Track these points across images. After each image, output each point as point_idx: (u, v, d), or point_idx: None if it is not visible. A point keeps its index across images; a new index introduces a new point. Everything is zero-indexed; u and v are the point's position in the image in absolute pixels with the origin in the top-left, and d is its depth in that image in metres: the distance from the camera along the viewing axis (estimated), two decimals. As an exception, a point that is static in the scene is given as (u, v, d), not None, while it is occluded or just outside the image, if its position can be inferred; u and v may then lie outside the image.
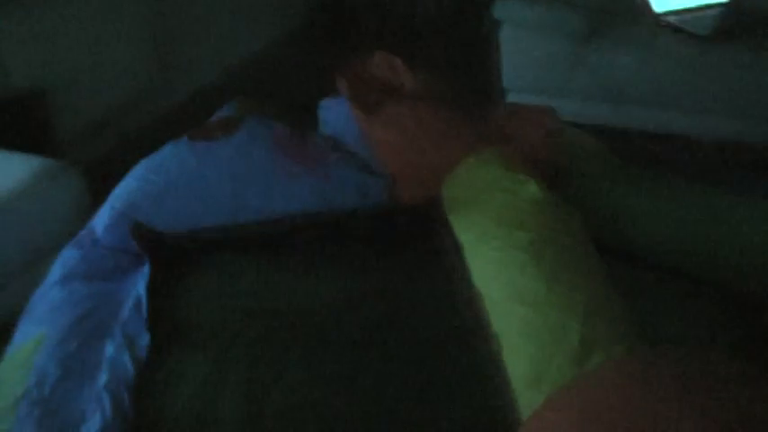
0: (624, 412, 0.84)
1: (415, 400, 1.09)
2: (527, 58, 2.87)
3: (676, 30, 2.69)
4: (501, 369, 0.99)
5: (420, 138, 1.35)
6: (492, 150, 1.34)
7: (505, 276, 1.07)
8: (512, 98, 2.79)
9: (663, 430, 0.80)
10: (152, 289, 1.21)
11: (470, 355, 1.09)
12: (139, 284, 1.22)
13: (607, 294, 1.04)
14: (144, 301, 1.18)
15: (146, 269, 1.23)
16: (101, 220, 1.29)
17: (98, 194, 1.32)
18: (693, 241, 1.41)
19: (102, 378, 1.06)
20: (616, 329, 0.98)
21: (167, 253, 1.28)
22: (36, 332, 1.17)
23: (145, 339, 1.11)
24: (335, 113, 1.47)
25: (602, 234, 1.42)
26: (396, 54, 1.49)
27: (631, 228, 1.45)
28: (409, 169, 1.37)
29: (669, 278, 1.39)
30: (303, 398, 1.08)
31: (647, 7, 2.77)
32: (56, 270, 1.25)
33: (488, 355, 1.00)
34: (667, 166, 1.52)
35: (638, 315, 1.00)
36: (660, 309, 1.27)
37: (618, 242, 1.44)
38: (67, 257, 1.27)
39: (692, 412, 0.82)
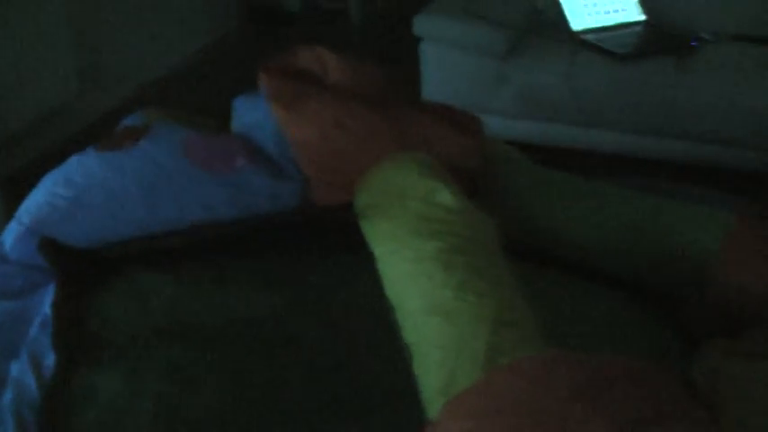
0: (518, 416, 0.85)
1: (329, 413, 1.08)
2: (449, 75, 2.87)
3: (595, 48, 2.71)
4: (413, 379, 0.99)
5: (338, 139, 1.33)
6: (408, 155, 1.33)
7: (416, 287, 1.07)
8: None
9: None
10: (63, 306, 1.18)
11: (385, 367, 1.10)
12: (46, 302, 1.18)
13: (516, 301, 1.05)
14: (50, 319, 1.14)
15: (52, 286, 1.19)
16: (8, 235, 1.24)
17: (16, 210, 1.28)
18: (611, 240, 1.43)
19: (6, 398, 1.03)
20: (523, 336, 0.99)
21: (78, 268, 1.24)
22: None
23: (50, 359, 1.08)
24: (252, 111, 1.43)
25: (522, 237, 1.43)
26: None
27: (552, 229, 1.45)
28: (326, 171, 1.34)
29: (586, 278, 1.41)
30: (215, 414, 1.06)
31: (566, 26, 2.79)
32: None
33: (401, 367, 1.00)
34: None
35: (551, 318, 1.02)
36: (573, 310, 1.29)
37: (538, 244, 1.45)
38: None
39: (585, 416, 0.83)
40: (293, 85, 1.40)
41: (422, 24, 2.83)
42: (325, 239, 1.36)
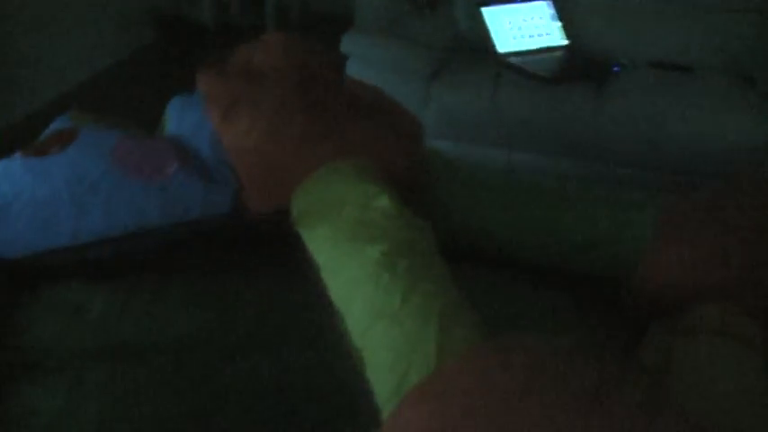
0: (476, 397, 0.86)
1: (274, 429, 1.07)
2: (375, 95, 2.84)
3: (520, 71, 2.73)
4: (365, 386, 0.98)
5: (274, 147, 1.30)
6: (346, 161, 1.31)
7: (362, 292, 1.06)
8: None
9: (507, 423, 0.82)
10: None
11: (333, 378, 1.09)
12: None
13: (460, 301, 1.06)
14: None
15: None
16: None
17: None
18: (544, 234, 1.45)
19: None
20: (470, 334, 1.00)
21: (8, 281, 1.21)
22: None
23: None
24: (188, 113, 1.40)
25: (458, 237, 1.44)
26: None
27: (484, 227, 1.46)
28: (262, 178, 1.32)
29: (523, 275, 1.42)
30: (156, 430, 1.04)
31: (491, 48, 2.80)
32: None
33: (352, 375, 1.00)
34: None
35: (493, 317, 1.03)
36: (514, 308, 1.30)
37: (474, 244, 1.46)
38: None
39: (542, 390, 0.86)
40: (231, 88, 1.37)
41: (348, 43, 2.81)
42: (261, 250, 1.34)
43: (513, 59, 2.79)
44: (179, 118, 1.41)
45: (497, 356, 0.94)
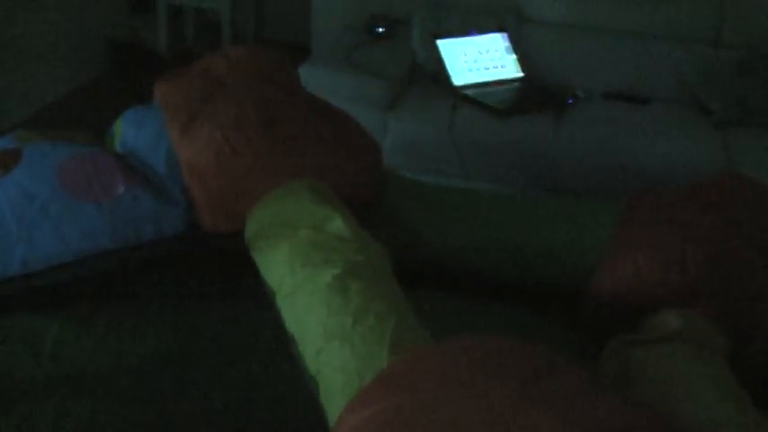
0: (423, 391, 0.87)
1: None
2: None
3: (475, 103, 2.75)
4: (319, 410, 0.98)
5: (230, 165, 1.29)
6: (300, 182, 1.30)
7: (315, 316, 1.06)
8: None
9: (450, 413, 0.83)
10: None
11: (283, 410, 1.09)
12: None
13: (412, 321, 1.07)
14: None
15: None
16: None
17: None
18: (503, 245, 1.45)
19: None
20: None
21: None
22: None
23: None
24: (143, 126, 1.37)
25: (419, 255, 1.43)
26: None
27: (442, 245, 1.46)
28: (217, 196, 1.31)
29: (483, 290, 1.41)
30: None
31: (447, 80, 2.82)
32: None
33: (300, 409, 1.02)
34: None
35: (452, 334, 1.02)
36: (474, 324, 1.31)
37: (431, 263, 1.45)
38: None
39: (487, 377, 0.87)
40: (190, 100, 1.36)
41: (305, 74, 2.80)
42: (217, 275, 1.32)
43: (468, 92, 2.81)
44: (135, 132, 1.38)
45: (439, 353, 0.96)
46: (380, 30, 3.08)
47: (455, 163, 2.72)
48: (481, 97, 2.77)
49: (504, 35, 2.98)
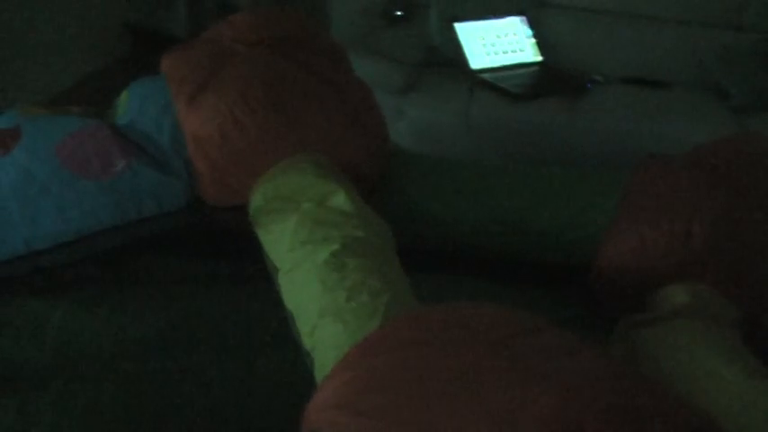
0: (402, 350, 0.88)
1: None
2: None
3: (492, 87, 2.73)
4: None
5: (236, 138, 1.29)
6: (305, 156, 1.30)
7: (311, 292, 1.07)
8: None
9: (425, 377, 0.83)
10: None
11: (287, 389, 1.08)
12: None
13: (407, 298, 1.07)
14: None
15: None
16: None
17: None
18: (508, 216, 1.43)
19: None
20: None
21: None
22: None
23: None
24: (151, 99, 1.36)
25: (424, 230, 1.42)
26: None
27: (447, 218, 1.45)
28: (221, 169, 1.30)
29: (489, 268, 1.39)
30: None
31: (465, 64, 2.80)
32: None
33: (305, 387, 0.98)
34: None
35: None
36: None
37: (440, 237, 1.44)
38: None
39: (462, 339, 0.88)
40: (197, 71, 1.35)
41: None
42: (220, 255, 1.32)
43: (486, 75, 2.79)
44: (140, 103, 1.38)
45: (416, 318, 0.96)
46: (398, 13, 3.06)
47: (471, 147, 2.71)
48: (498, 81, 2.75)
49: (523, 18, 2.95)
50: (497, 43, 2.89)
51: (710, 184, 1.36)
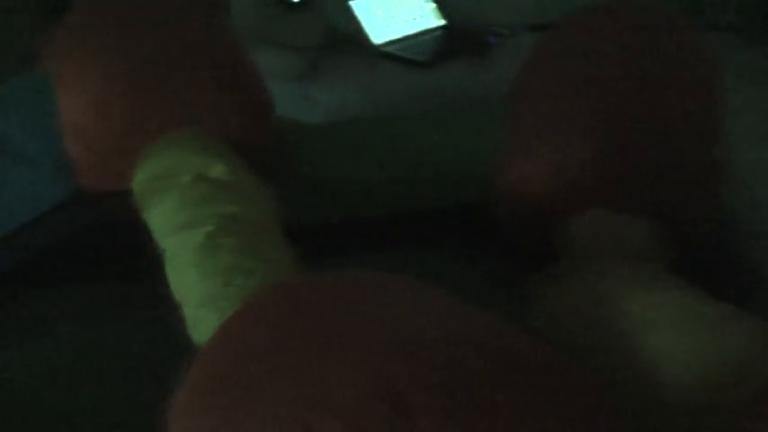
0: (274, 336, 0.82)
1: None
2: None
3: (396, 58, 2.69)
4: None
5: (102, 121, 1.25)
6: (182, 132, 1.27)
7: (188, 280, 1.03)
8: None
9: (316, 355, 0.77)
10: None
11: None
12: None
13: (287, 270, 1.04)
14: None
15: None
16: None
17: None
18: (406, 170, 1.39)
19: None
20: None
21: None
22: None
23: None
24: (29, 92, 1.33)
25: (321, 196, 1.39)
26: None
27: (350, 184, 1.41)
28: (96, 155, 1.27)
29: (398, 225, 1.34)
30: None
31: (367, 40, 2.76)
32: None
33: None
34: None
35: None
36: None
37: (339, 200, 1.41)
38: None
39: (349, 319, 0.82)
40: (67, 57, 1.32)
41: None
42: (110, 249, 1.29)
43: (388, 48, 2.75)
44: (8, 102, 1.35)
45: (288, 293, 0.91)
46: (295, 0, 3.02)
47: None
48: (400, 52, 2.72)
49: (419, -16, 2.92)
50: (396, 14, 2.85)
51: (588, 78, 1.27)
